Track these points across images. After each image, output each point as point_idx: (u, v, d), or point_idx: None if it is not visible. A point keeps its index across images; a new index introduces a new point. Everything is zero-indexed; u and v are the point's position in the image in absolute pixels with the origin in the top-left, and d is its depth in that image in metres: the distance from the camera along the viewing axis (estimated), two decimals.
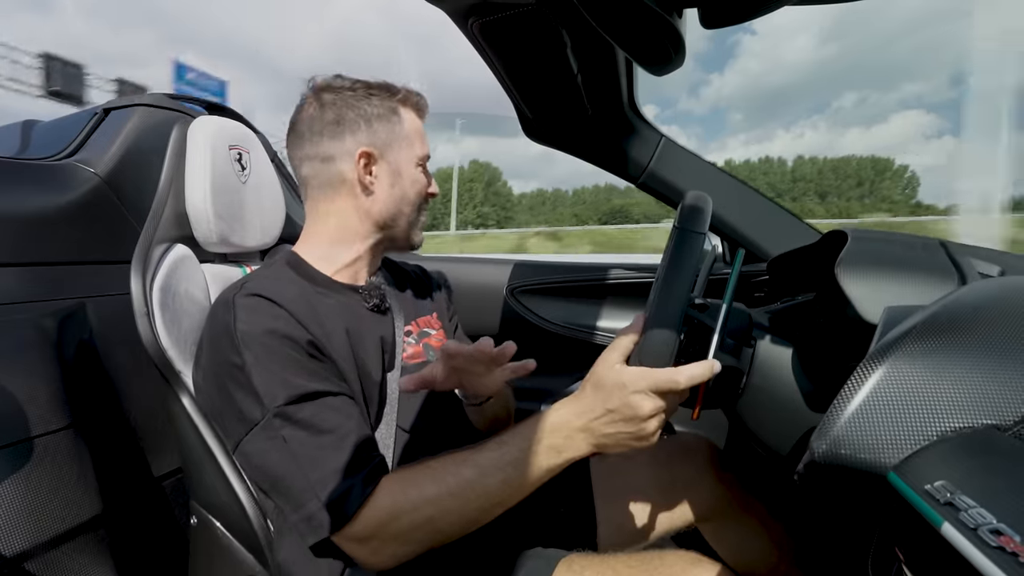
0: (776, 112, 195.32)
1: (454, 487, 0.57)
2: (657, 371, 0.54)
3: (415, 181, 0.79)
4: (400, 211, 0.79)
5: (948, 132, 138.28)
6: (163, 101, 1.15)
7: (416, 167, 0.80)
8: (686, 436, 0.96)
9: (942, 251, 0.59)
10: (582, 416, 0.57)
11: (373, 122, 0.76)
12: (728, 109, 20.55)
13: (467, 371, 0.68)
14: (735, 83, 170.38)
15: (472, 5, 0.70)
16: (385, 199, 0.77)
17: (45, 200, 0.93)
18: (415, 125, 0.80)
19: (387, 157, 0.77)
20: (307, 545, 0.59)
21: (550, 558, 0.67)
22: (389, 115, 0.77)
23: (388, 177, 0.77)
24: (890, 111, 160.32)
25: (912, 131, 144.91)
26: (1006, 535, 0.25)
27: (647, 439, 0.56)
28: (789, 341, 0.60)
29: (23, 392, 0.72)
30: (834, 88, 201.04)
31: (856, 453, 0.34)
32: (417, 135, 0.80)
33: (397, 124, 0.78)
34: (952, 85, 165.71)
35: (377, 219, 0.78)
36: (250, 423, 0.61)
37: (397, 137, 0.77)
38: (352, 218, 0.77)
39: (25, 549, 0.65)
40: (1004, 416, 0.33)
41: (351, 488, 0.57)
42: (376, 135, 0.76)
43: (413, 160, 0.79)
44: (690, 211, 0.56)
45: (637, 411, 0.54)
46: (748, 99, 42.12)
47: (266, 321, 0.63)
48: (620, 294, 1.35)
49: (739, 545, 0.84)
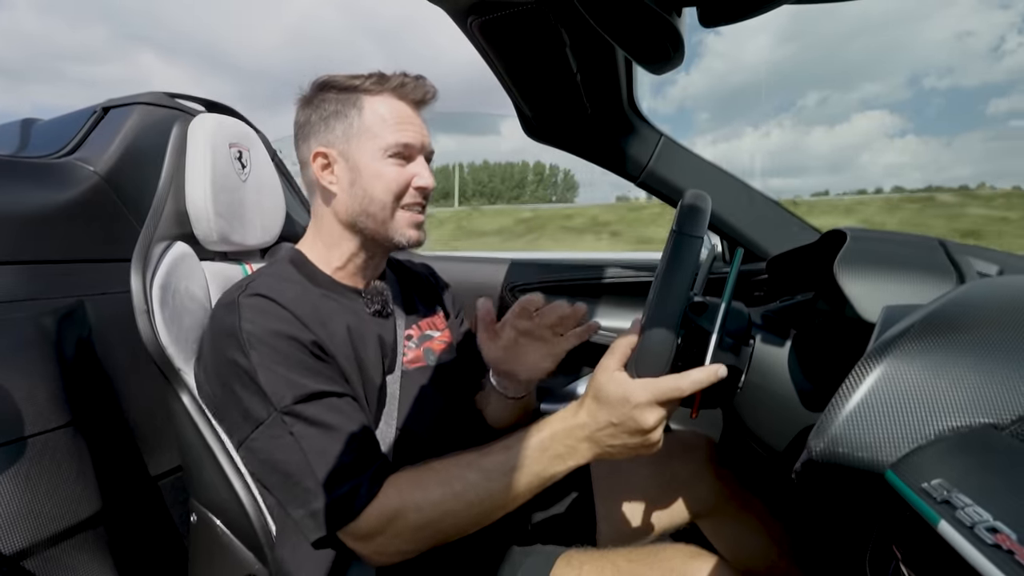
0: (742, 111, 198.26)
1: (459, 490, 0.58)
2: (660, 381, 0.54)
3: (378, 175, 0.72)
4: (364, 210, 0.73)
5: (911, 132, 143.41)
6: (163, 99, 1.15)
7: (382, 159, 0.72)
8: (685, 433, 0.96)
9: (941, 250, 0.59)
10: (586, 427, 0.57)
11: (330, 120, 0.73)
12: (695, 109, 20.67)
13: (532, 336, 0.70)
14: (700, 83, 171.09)
15: (472, 4, 0.69)
16: (347, 200, 0.73)
17: (45, 198, 0.93)
18: (382, 113, 0.72)
19: (346, 155, 0.73)
20: (311, 541, 0.60)
21: (550, 554, 0.67)
22: (347, 110, 0.72)
23: (347, 175, 0.73)
24: (852, 110, 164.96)
25: (875, 130, 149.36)
26: (1002, 533, 0.25)
27: (652, 447, 0.57)
28: (788, 340, 0.60)
29: (22, 390, 0.72)
30: (797, 88, 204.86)
31: (854, 451, 0.34)
32: (384, 123, 0.72)
33: (355, 117, 0.72)
34: (909, 86, 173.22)
35: (345, 220, 0.74)
36: (256, 421, 0.61)
37: (355, 131, 0.72)
38: (330, 221, 0.76)
39: (24, 547, 0.66)
40: (1001, 415, 0.33)
41: (359, 486, 0.58)
42: (332, 133, 0.73)
43: (377, 152, 0.72)
44: (688, 213, 0.56)
45: (642, 424, 0.54)
46: (714, 98, 42.91)
47: (271, 322, 0.63)
48: (619, 293, 1.35)
49: (738, 542, 0.84)
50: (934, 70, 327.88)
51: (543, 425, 0.60)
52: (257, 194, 0.92)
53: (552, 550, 0.69)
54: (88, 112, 1.14)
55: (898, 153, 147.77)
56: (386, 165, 0.72)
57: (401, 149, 0.72)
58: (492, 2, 0.68)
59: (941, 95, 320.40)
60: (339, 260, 0.77)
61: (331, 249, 0.77)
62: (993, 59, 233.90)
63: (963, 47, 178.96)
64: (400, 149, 0.72)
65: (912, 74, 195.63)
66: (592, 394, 0.58)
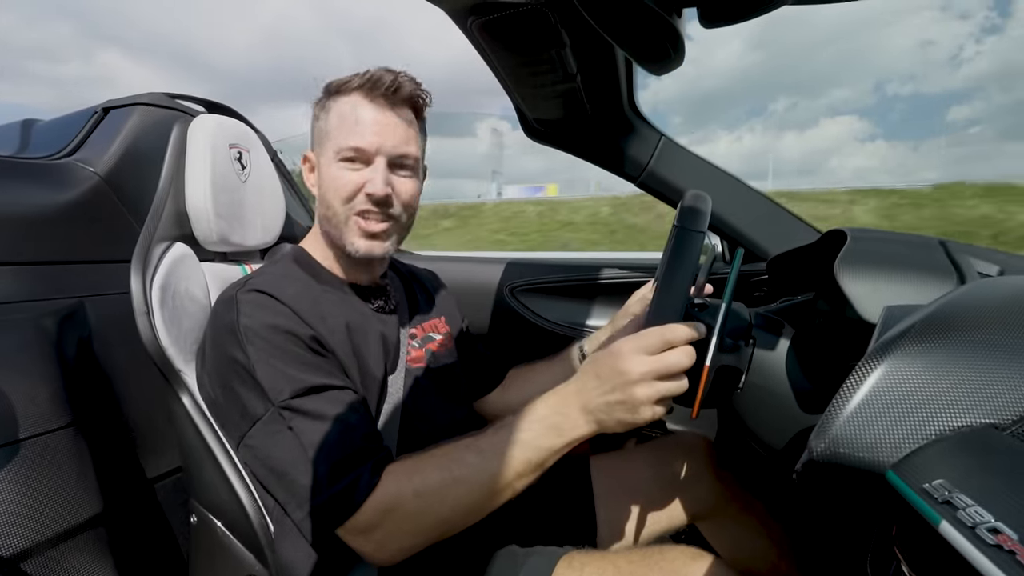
0: (715, 115, 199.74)
1: (457, 473, 0.57)
2: (643, 331, 0.54)
3: (332, 180, 0.70)
4: (325, 215, 0.73)
5: (880, 137, 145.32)
6: (162, 100, 1.15)
7: (335, 163, 0.70)
8: (685, 435, 0.96)
9: (941, 250, 0.59)
10: (578, 393, 0.57)
11: (313, 124, 0.76)
12: (668, 113, 21.04)
13: None
14: (673, 88, 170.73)
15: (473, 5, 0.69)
16: (320, 203, 0.74)
17: (45, 199, 0.93)
18: (343, 114, 0.70)
19: (317, 159, 0.74)
20: (312, 540, 0.59)
21: (551, 555, 0.67)
22: (320, 113, 0.73)
23: (317, 179, 0.74)
24: (821, 115, 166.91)
25: (845, 134, 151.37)
26: (1003, 533, 0.25)
27: (638, 408, 0.54)
28: (788, 340, 0.60)
29: (23, 391, 0.72)
30: (768, 93, 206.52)
31: (855, 452, 0.34)
32: (341, 125, 0.70)
33: (323, 121, 0.72)
34: (875, 91, 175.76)
35: (321, 224, 0.76)
36: (254, 417, 0.61)
37: (321, 134, 0.72)
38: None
39: (25, 548, 0.66)
40: (1002, 415, 0.33)
41: (359, 476, 0.57)
42: (313, 137, 0.76)
43: (331, 156, 0.70)
44: (690, 210, 0.56)
45: (626, 375, 0.54)
46: (686, 103, 42.78)
47: (269, 317, 0.63)
48: (619, 293, 1.35)
49: (738, 543, 0.84)
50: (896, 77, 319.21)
51: (539, 401, 0.60)
52: (257, 195, 0.92)
53: (553, 551, 0.69)
54: (88, 113, 1.14)
55: (867, 157, 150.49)
56: (339, 169, 0.70)
57: (351, 153, 0.69)
58: (493, 3, 0.68)
59: (904, 101, 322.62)
60: (337, 259, 0.78)
61: (329, 248, 0.78)
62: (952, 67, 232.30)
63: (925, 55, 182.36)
64: (350, 153, 0.69)
65: (877, 80, 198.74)
66: (587, 362, 0.59)
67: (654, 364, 0.53)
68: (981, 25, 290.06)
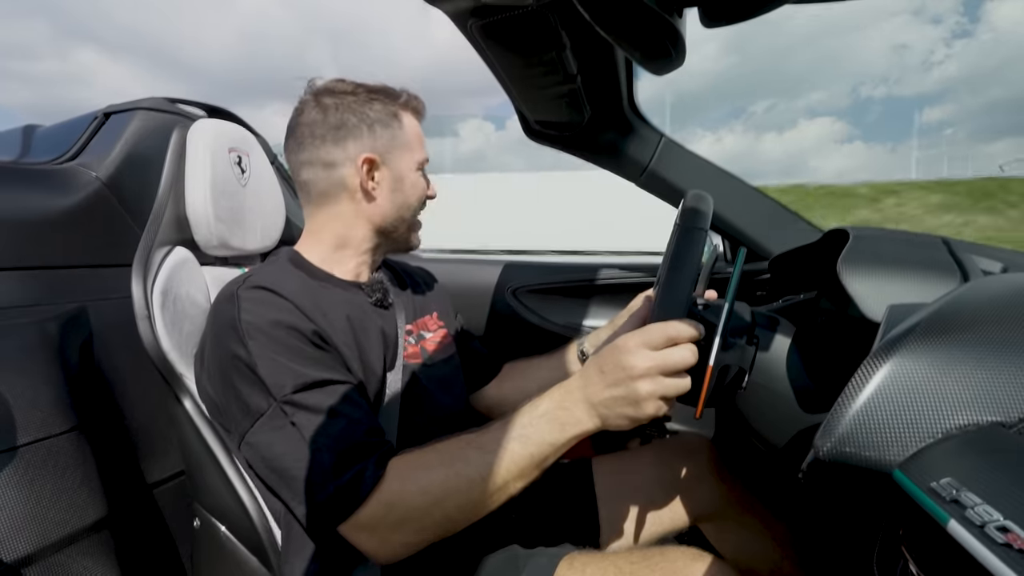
0: (695, 116, 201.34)
1: (461, 468, 0.57)
2: (647, 327, 0.54)
3: (415, 186, 0.80)
4: (401, 216, 0.80)
5: (858, 138, 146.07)
6: (163, 104, 1.15)
7: (416, 171, 0.80)
8: (687, 436, 0.95)
9: (944, 248, 0.59)
10: (582, 388, 0.57)
11: (375, 127, 0.76)
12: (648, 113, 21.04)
13: None
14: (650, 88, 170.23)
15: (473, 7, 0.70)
16: (386, 205, 0.78)
17: (47, 204, 0.93)
18: (415, 130, 0.81)
19: (389, 163, 0.77)
20: (316, 538, 0.59)
21: (553, 556, 0.67)
22: (390, 120, 0.77)
23: (389, 183, 0.78)
24: (799, 116, 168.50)
25: (824, 136, 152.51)
26: (1013, 532, 0.25)
27: (641, 404, 0.54)
28: (791, 339, 0.60)
29: (26, 396, 0.72)
30: (747, 95, 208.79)
31: (861, 451, 0.34)
32: (417, 140, 0.81)
33: (398, 129, 0.78)
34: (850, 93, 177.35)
35: (379, 224, 0.78)
36: (256, 414, 0.60)
37: (398, 143, 0.78)
38: (353, 223, 0.77)
39: (29, 553, 0.65)
40: (1009, 413, 0.33)
41: (364, 470, 0.57)
42: (378, 140, 0.76)
43: (414, 165, 0.80)
44: (691, 210, 0.56)
45: (630, 370, 0.53)
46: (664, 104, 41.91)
47: (270, 312, 0.63)
48: (619, 294, 1.35)
49: (741, 545, 0.84)
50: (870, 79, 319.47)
51: (543, 396, 0.60)
52: (257, 199, 0.92)
53: (555, 552, 0.69)
54: (89, 117, 1.14)
55: (845, 157, 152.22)
56: (419, 177, 0.81)
57: (424, 164, 0.82)
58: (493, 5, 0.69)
59: (878, 103, 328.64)
60: (348, 261, 0.78)
61: (342, 251, 0.78)
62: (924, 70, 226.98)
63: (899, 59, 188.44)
64: (424, 164, 0.82)
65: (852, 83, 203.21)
66: (591, 358, 0.59)
67: (658, 360, 0.53)
68: (952, 30, 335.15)
